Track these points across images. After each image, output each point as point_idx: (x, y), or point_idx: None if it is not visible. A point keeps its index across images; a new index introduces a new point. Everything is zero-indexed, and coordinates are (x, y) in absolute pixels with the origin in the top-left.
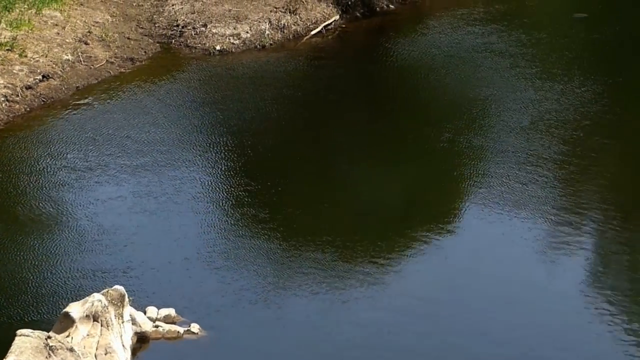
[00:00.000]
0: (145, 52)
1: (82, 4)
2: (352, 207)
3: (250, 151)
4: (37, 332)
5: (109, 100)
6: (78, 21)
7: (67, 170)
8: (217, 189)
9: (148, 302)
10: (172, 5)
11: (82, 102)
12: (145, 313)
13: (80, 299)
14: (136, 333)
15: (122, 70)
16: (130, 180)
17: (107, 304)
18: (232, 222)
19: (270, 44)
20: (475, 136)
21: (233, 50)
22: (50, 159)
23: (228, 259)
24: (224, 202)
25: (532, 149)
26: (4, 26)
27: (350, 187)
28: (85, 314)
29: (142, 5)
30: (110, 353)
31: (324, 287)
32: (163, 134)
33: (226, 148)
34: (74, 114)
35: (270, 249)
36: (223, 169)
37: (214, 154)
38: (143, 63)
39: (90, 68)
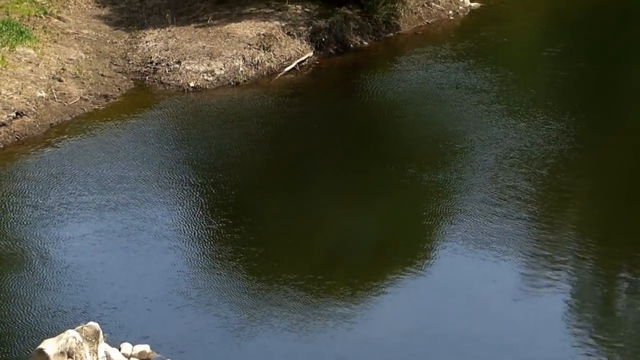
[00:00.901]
0: (119, 89)
1: (56, 42)
2: (321, 245)
3: (222, 188)
4: None
5: (82, 138)
6: (52, 58)
7: (32, 208)
8: (192, 225)
9: (123, 339)
10: (146, 42)
11: (56, 139)
12: (120, 349)
13: (54, 336)
14: None
15: (96, 107)
16: (104, 218)
17: (81, 341)
18: (206, 258)
19: (244, 81)
20: (443, 173)
21: (207, 86)
22: (19, 197)
23: (201, 295)
24: (204, 237)
25: (498, 185)
26: None
27: (320, 225)
28: (59, 351)
29: (116, 43)
30: None
31: (295, 323)
32: (135, 171)
33: (200, 185)
34: (48, 151)
35: (240, 286)
36: (197, 205)
37: (187, 191)
38: (117, 100)
39: (64, 105)
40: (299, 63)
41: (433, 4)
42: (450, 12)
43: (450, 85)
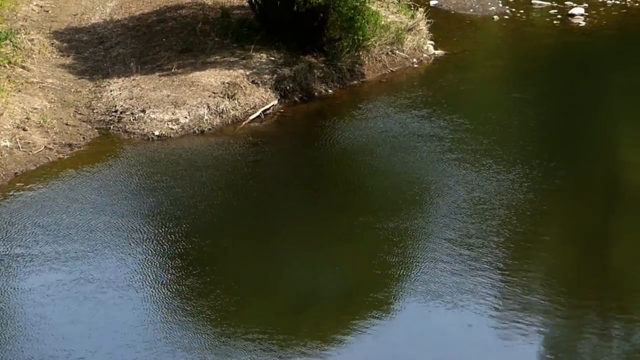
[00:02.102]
0: (83, 138)
1: (20, 91)
2: (283, 295)
3: (183, 237)
4: None
5: (46, 187)
6: (16, 107)
7: None
8: (147, 275)
9: None
10: (111, 91)
11: (20, 188)
12: None
13: None
14: None
15: (61, 156)
16: (62, 268)
17: None
18: (160, 310)
19: (209, 129)
20: (404, 221)
21: (172, 135)
22: None
23: (151, 349)
24: (159, 288)
25: (463, 234)
26: None
27: (283, 275)
28: None
29: (81, 92)
30: None
31: None
32: (98, 220)
33: (160, 234)
34: (11, 201)
35: (195, 340)
36: (155, 255)
37: (147, 241)
38: (82, 149)
39: (29, 154)
40: (263, 111)
41: (397, 52)
42: (415, 60)
43: (412, 133)
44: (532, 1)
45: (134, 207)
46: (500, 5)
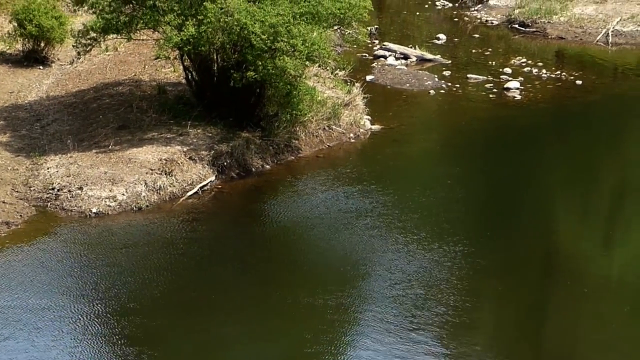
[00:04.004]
0: (20, 215)
1: None
2: None
3: (117, 318)
4: None
5: None
6: None
7: None
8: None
9: None
10: (48, 168)
11: None
12: None
13: None
14: None
15: None
16: None
17: None
18: None
19: (147, 206)
20: (337, 299)
21: (109, 212)
22: None
23: None
24: None
25: (403, 312)
26: None
27: (217, 353)
28: None
29: (17, 169)
30: None
31: None
32: (32, 299)
33: (94, 314)
34: None
35: None
36: (88, 335)
37: (81, 322)
38: (18, 227)
39: None
40: (201, 187)
41: (334, 127)
42: (352, 134)
43: (346, 209)
44: (468, 75)
45: (69, 286)
46: (436, 79)
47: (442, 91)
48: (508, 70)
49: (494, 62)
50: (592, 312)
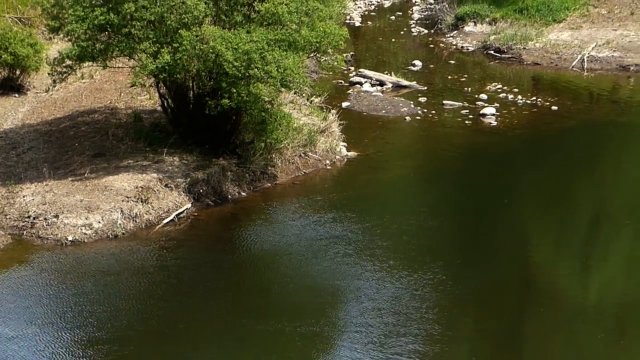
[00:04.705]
0: None
1: None
2: None
3: (91, 347)
4: None
5: None
6: None
7: None
8: None
9: None
10: (23, 196)
11: None
12: None
13: None
14: None
15: None
16: None
17: None
18: None
19: (123, 233)
20: (309, 327)
21: (85, 240)
22: None
23: None
24: None
25: (372, 341)
26: None
27: None
28: None
29: None
30: None
31: None
32: (7, 329)
33: (68, 342)
34: None
35: None
36: None
37: (54, 350)
38: None
39: None
40: (177, 215)
41: (310, 154)
42: (328, 161)
43: (321, 237)
44: (444, 102)
45: (40, 315)
46: (412, 106)
47: (418, 117)
48: (484, 96)
49: (469, 88)
50: (566, 339)
